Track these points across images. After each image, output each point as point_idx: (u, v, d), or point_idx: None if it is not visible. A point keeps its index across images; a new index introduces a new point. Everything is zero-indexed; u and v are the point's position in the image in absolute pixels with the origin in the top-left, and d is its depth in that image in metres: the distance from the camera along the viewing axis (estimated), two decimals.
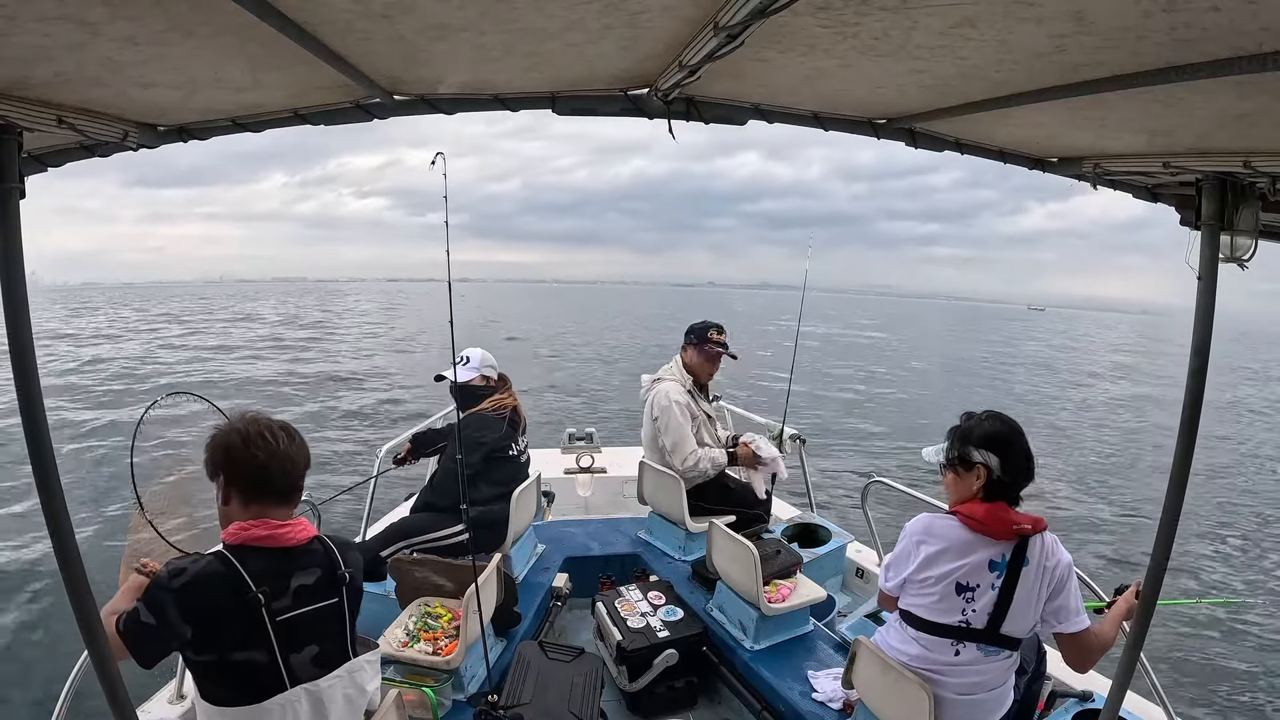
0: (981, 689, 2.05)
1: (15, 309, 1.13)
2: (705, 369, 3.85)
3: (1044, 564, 1.98)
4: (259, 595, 1.56)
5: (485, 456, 3.30)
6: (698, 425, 3.77)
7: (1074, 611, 2.00)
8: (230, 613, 1.56)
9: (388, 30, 1.18)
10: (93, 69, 1.17)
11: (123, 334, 35.38)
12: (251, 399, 16.47)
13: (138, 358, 25.14)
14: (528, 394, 15.45)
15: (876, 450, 13.45)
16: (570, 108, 1.69)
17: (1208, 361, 1.62)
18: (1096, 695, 2.50)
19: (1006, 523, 1.97)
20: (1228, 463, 13.23)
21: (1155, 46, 1.03)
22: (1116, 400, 22.53)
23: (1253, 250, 1.57)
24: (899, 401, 20.20)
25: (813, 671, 2.80)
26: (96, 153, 1.59)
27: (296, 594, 1.65)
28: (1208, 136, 1.48)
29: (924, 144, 1.85)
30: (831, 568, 3.85)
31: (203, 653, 1.56)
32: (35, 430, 1.17)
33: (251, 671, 1.59)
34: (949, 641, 2.04)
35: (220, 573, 1.57)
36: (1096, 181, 1.91)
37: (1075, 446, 14.74)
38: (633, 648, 2.92)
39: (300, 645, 1.65)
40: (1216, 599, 5.47)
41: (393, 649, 2.58)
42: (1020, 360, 36.71)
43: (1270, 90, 1.08)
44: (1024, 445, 2.02)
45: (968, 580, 2.00)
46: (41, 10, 0.92)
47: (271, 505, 1.66)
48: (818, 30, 1.15)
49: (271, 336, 35.11)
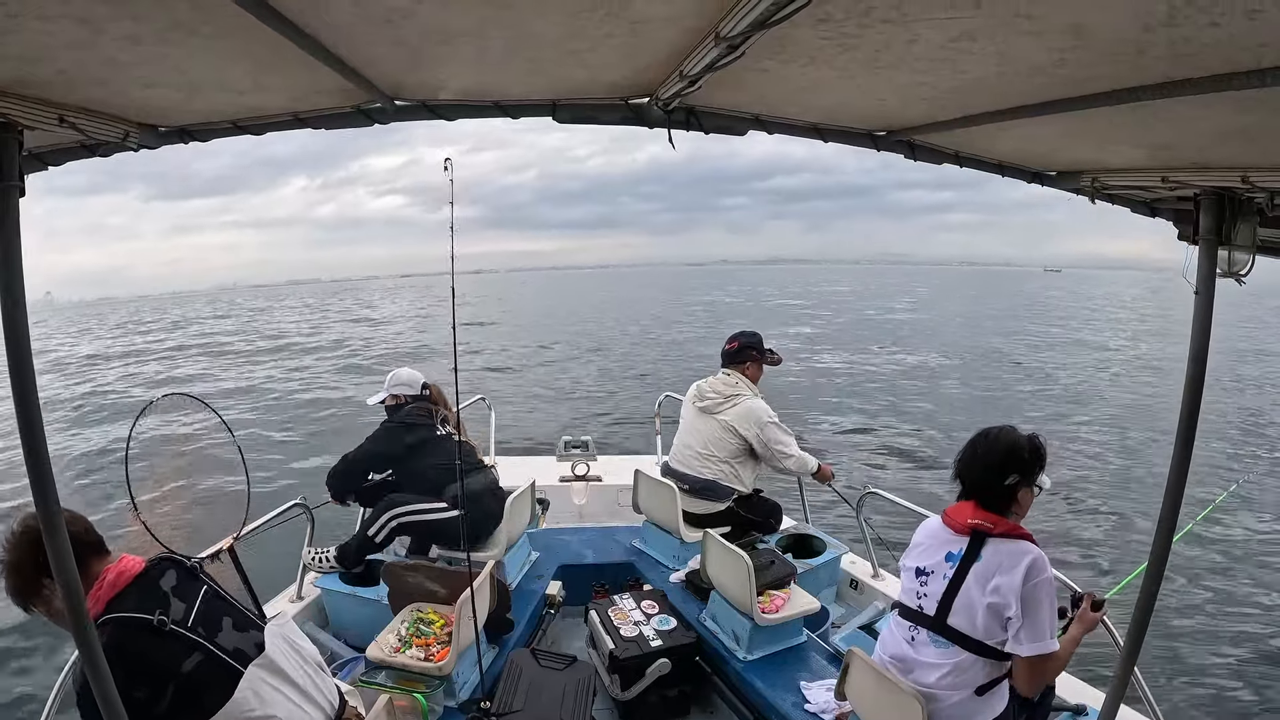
0: (942, 688, 2.05)
1: (14, 308, 1.13)
2: (758, 380, 3.98)
3: (998, 566, 1.99)
4: (159, 619, 1.61)
5: (416, 439, 3.46)
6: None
7: (1043, 633, 1.96)
8: (156, 646, 1.60)
9: (389, 35, 1.18)
10: (94, 68, 1.17)
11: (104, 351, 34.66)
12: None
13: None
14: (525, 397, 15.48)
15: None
16: (570, 115, 1.69)
17: (1205, 370, 1.63)
18: (1090, 709, 2.49)
19: (963, 518, 2.09)
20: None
21: (1154, 61, 1.04)
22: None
23: (1250, 265, 1.58)
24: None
25: (805, 682, 2.79)
26: (97, 152, 1.58)
27: (177, 595, 1.71)
28: (1206, 151, 1.48)
29: (923, 156, 1.86)
30: (826, 579, 3.84)
31: (163, 692, 1.57)
32: (31, 432, 1.16)
33: (205, 673, 1.62)
34: (907, 625, 2.18)
35: (119, 631, 1.58)
36: (1095, 196, 1.92)
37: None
38: (625, 656, 2.91)
39: (215, 628, 1.71)
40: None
41: (384, 654, 2.57)
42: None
43: (1269, 105, 1.09)
44: (977, 449, 2.12)
45: (925, 564, 2.16)
46: (43, 8, 0.91)
47: (95, 563, 1.66)
48: (818, 42, 1.15)
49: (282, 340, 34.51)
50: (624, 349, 27.58)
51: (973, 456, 2.12)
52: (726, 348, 3.97)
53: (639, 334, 33.76)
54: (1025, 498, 2.09)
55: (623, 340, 30.81)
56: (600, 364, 23.31)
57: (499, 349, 24.53)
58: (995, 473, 2.07)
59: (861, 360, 22.84)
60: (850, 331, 33.06)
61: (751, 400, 3.81)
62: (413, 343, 27.57)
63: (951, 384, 18.67)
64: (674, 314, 46.72)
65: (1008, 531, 2.03)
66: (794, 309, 50.50)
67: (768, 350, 3.96)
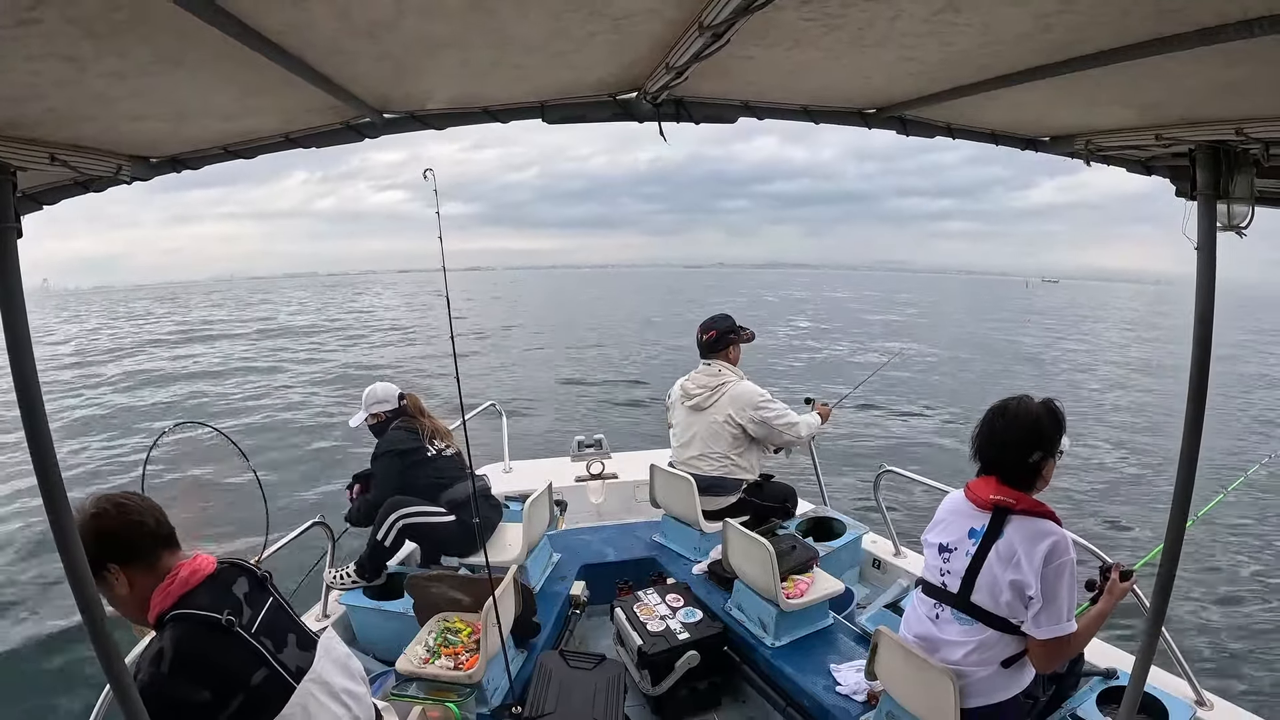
0: (969, 665, 2.05)
1: (18, 349, 1.13)
2: (738, 360, 3.98)
3: (1020, 545, 1.97)
4: (229, 618, 1.59)
5: (408, 463, 3.54)
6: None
7: (1060, 616, 1.94)
8: (223, 647, 1.58)
9: (373, 49, 1.18)
10: (83, 105, 1.17)
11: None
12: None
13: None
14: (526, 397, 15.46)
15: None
16: (560, 116, 1.69)
17: (1212, 329, 1.62)
18: (1121, 673, 2.48)
19: (986, 494, 2.07)
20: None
21: (1140, 20, 1.03)
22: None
23: (1250, 217, 1.56)
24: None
25: (835, 665, 2.80)
26: (91, 188, 1.59)
27: (248, 601, 1.70)
28: (1198, 106, 1.47)
29: (915, 131, 1.85)
30: (848, 560, 3.84)
31: (229, 702, 1.55)
32: (44, 468, 1.17)
33: (270, 689, 1.61)
34: (931, 602, 2.19)
35: (188, 627, 1.58)
36: (1090, 158, 1.90)
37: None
38: (654, 651, 2.92)
39: (281, 643, 1.70)
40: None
41: (414, 666, 2.58)
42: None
43: (1258, 56, 1.08)
44: (995, 426, 2.08)
45: (948, 541, 2.16)
46: (29, 49, 0.92)
47: (166, 556, 1.66)
48: (802, 24, 1.15)
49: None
50: (632, 344, 27.59)
51: (991, 434, 2.08)
52: (704, 339, 3.93)
53: (646, 331, 33.70)
54: (1049, 470, 2.07)
55: (632, 338, 30.82)
56: (608, 356, 23.32)
57: (501, 363, 24.35)
58: (1018, 450, 2.03)
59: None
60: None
61: (739, 384, 3.78)
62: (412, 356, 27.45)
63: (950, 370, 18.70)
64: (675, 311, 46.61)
65: (1030, 509, 2.01)
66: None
67: (741, 328, 3.95)
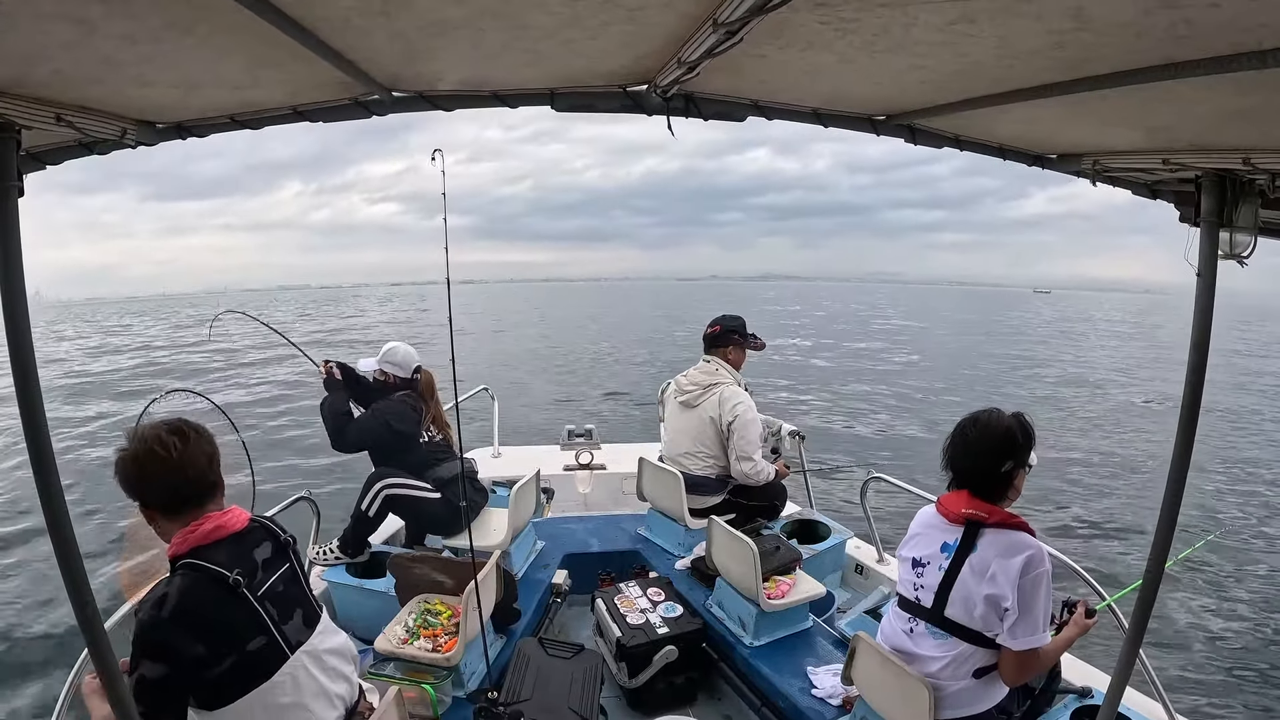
0: (944, 678, 2.06)
1: (14, 307, 1.13)
2: (741, 365, 3.89)
3: (995, 558, 1.97)
4: (237, 578, 1.59)
5: (397, 443, 3.45)
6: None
7: (1035, 627, 1.95)
8: (226, 605, 1.58)
9: (386, 27, 1.18)
10: (90, 67, 1.17)
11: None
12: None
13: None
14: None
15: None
16: (569, 104, 1.68)
17: (1207, 357, 1.62)
18: (1095, 691, 2.50)
19: (957, 507, 2.07)
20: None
21: (1155, 43, 1.03)
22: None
23: (1252, 247, 1.57)
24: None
25: (812, 667, 2.81)
26: (95, 150, 1.59)
27: (264, 567, 1.71)
28: (1207, 133, 1.47)
29: (923, 140, 1.84)
30: (831, 564, 3.85)
31: (222, 660, 1.56)
32: (35, 430, 1.16)
33: (265, 657, 1.62)
34: (906, 616, 2.19)
35: (196, 577, 1.58)
36: (1096, 178, 1.91)
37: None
38: (632, 644, 2.93)
39: (287, 614, 1.71)
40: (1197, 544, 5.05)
41: (392, 646, 2.58)
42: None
43: (1270, 87, 1.08)
44: (967, 437, 2.07)
45: (921, 555, 2.15)
46: (39, 9, 0.91)
47: (196, 508, 1.65)
48: (817, 26, 1.14)
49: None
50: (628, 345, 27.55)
51: (964, 445, 2.08)
52: (708, 332, 3.89)
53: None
54: (1020, 480, 2.08)
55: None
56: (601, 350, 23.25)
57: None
58: (990, 460, 2.04)
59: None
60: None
61: (730, 388, 3.73)
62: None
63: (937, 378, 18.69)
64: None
65: (1003, 521, 2.01)
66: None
67: (751, 335, 3.88)
